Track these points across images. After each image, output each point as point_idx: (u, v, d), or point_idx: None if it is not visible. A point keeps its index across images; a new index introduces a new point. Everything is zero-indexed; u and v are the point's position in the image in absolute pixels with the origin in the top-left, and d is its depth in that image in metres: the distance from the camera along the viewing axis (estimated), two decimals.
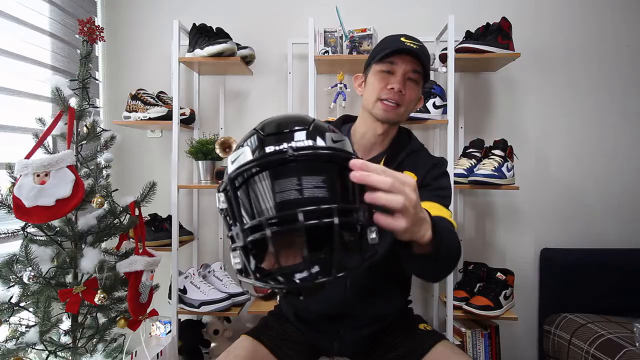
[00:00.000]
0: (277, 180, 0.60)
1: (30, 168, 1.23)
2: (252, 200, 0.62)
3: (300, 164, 0.61)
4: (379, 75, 1.10)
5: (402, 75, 1.08)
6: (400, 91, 1.08)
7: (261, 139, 0.64)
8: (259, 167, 0.62)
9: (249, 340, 1.15)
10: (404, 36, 1.10)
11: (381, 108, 1.10)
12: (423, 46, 1.10)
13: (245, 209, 0.63)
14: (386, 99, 1.09)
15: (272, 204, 0.60)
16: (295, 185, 0.60)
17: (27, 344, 1.26)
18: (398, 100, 1.09)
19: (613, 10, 2.03)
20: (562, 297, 1.95)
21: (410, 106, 1.13)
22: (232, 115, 2.12)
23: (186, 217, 2.10)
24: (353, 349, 1.19)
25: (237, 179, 0.64)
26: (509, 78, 2.05)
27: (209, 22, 1.86)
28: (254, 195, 0.62)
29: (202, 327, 1.97)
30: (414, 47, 1.06)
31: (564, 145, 2.05)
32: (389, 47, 1.08)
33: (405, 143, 1.18)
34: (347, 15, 1.84)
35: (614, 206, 2.04)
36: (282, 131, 0.64)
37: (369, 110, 1.13)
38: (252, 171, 0.62)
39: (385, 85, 1.09)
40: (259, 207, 0.61)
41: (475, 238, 2.08)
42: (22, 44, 1.65)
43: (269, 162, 0.61)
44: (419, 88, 1.12)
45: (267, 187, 0.61)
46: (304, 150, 0.61)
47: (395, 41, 1.09)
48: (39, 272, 1.27)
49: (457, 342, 1.85)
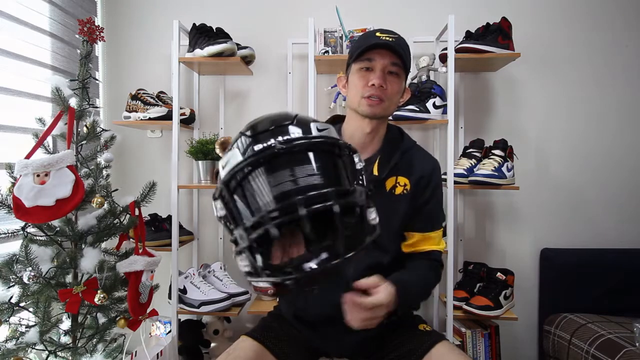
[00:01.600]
0: (271, 174, 0.62)
1: (30, 168, 1.23)
2: (249, 199, 0.63)
3: (291, 155, 0.63)
4: (359, 74, 1.10)
5: (382, 71, 1.08)
6: (381, 86, 1.08)
7: (248, 139, 0.66)
8: (250, 166, 0.63)
9: (249, 341, 1.15)
10: (379, 31, 1.10)
11: (366, 104, 1.09)
12: (399, 38, 1.09)
13: (244, 209, 0.63)
14: (369, 96, 1.09)
15: (270, 197, 0.61)
16: (289, 176, 0.62)
17: (27, 344, 1.26)
18: (380, 95, 1.08)
19: (613, 10, 2.03)
20: (562, 297, 1.95)
21: (395, 99, 1.13)
22: (232, 115, 2.12)
23: (186, 217, 2.10)
24: (353, 350, 1.19)
25: (231, 182, 0.64)
26: (509, 78, 2.05)
27: (209, 22, 1.86)
28: (251, 194, 0.63)
29: (202, 327, 1.97)
30: (390, 39, 1.06)
31: (564, 145, 2.05)
32: (364, 43, 1.08)
33: (397, 141, 1.19)
34: (347, 15, 1.84)
35: (614, 206, 2.04)
36: (267, 128, 0.66)
37: (355, 108, 1.13)
38: (245, 171, 0.63)
39: (366, 82, 1.09)
40: (257, 204, 0.62)
41: (475, 238, 2.08)
42: (22, 44, 1.65)
43: (259, 158, 0.62)
44: (401, 80, 1.12)
45: (263, 183, 0.62)
46: (291, 142, 0.63)
47: (370, 37, 1.09)
48: (39, 272, 1.27)
49: (457, 342, 1.85)
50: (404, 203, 1.14)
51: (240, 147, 0.66)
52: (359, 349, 1.19)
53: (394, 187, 1.14)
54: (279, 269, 0.64)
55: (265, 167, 0.62)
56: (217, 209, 0.66)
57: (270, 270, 0.63)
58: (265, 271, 0.63)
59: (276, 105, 2.09)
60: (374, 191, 0.87)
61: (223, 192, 0.64)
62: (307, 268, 0.62)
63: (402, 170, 1.15)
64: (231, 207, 0.64)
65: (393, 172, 1.14)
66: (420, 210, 1.15)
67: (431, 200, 1.16)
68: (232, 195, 0.64)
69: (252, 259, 0.62)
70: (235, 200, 0.64)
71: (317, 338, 1.20)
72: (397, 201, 1.14)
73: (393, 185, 1.14)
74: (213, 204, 0.67)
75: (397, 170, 1.14)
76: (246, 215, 0.63)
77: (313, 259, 0.63)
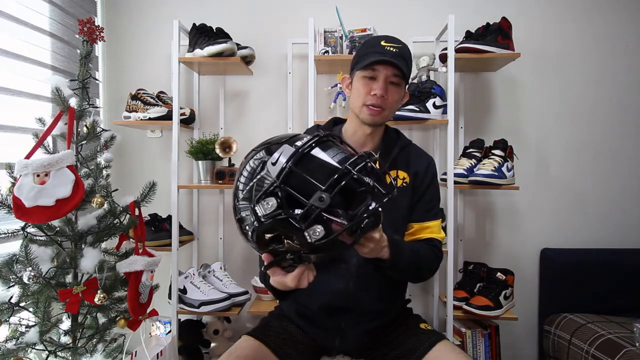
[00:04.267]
0: (326, 150, 0.81)
1: (30, 168, 1.22)
2: (318, 170, 0.78)
3: (328, 142, 0.84)
4: (363, 81, 1.15)
5: (384, 81, 1.13)
6: (382, 96, 1.13)
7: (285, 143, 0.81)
8: (310, 147, 0.80)
9: (251, 340, 1.15)
10: (384, 39, 1.15)
11: (367, 113, 1.16)
12: (403, 47, 1.15)
13: (310, 183, 0.76)
14: (371, 105, 1.14)
15: (337, 160, 0.79)
16: (341, 151, 0.82)
17: (27, 344, 1.25)
18: (381, 104, 1.14)
19: (613, 10, 2.03)
20: (562, 297, 1.95)
21: (395, 106, 1.20)
22: (232, 115, 2.12)
23: (186, 217, 2.10)
24: (354, 346, 1.20)
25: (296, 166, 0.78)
26: (509, 78, 2.05)
27: (209, 22, 1.86)
28: (318, 165, 0.79)
29: (202, 327, 1.97)
30: (394, 50, 1.12)
31: (564, 145, 2.05)
32: (370, 52, 1.14)
33: (395, 139, 1.27)
34: (347, 15, 1.84)
35: (614, 206, 2.04)
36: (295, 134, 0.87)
37: (357, 114, 1.19)
38: (310, 147, 0.80)
39: (369, 91, 1.14)
40: (325, 171, 0.77)
41: (475, 238, 2.08)
42: (22, 44, 1.65)
43: (319, 140, 0.82)
44: (401, 89, 1.18)
45: (325, 155, 0.80)
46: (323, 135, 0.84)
47: (375, 45, 1.14)
48: (39, 272, 1.27)
49: (457, 342, 1.85)
50: (406, 196, 1.20)
51: (280, 148, 0.80)
52: (360, 346, 1.20)
53: (394, 180, 1.21)
54: (353, 217, 0.78)
55: (321, 147, 0.81)
56: (266, 208, 0.77)
57: (348, 220, 0.78)
58: (345, 221, 0.77)
59: (276, 105, 2.10)
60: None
61: (279, 182, 0.76)
62: (372, 208, 0.79)
63: (401, 164, 1.23)
64: (295, 190, 0.76)
65: (393, 165, 1.21)
66: (417, 202, 1.22)
67: (427, 192, 1.23)
68: (294, 177, 0.77)
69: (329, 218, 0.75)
70: (304, 178, 0.76)
71: (319, 334, 1.20)
72: (398, 194, 1.19)
73: (393, 178, 1.21)
74: (258, 208, 0.78)
75: (396, 164, 1.22)
76: (318, 183, 0.75)
77: (370, 204, 0.79)
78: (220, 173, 1.83)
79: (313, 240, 0.75)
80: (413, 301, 1.33)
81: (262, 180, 0.79)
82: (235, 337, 1.85)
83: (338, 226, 0.76)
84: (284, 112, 2.07)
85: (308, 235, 0.75)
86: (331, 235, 0.75)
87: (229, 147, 1.85)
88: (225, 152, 1.84)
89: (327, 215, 0.75)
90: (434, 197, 1.25)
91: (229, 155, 1.85)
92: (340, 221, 0.76)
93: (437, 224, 1.24)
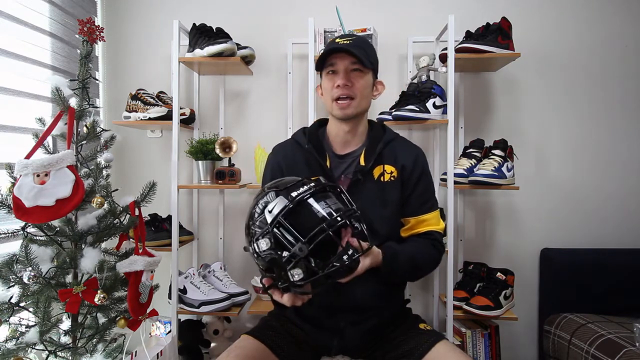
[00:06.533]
0: (320, 201, 0.96)
1: (30, 168, 1.22)
2: (307, 219, 0.93)
3: (328, 191, 1.01)
4: (327, 78, 1.22)
5: (344, 72, 1.18)
6: (346, 85, 1.17)
7: (281, 191, 0.97)
8: (315, 190, 0.96)
9: (250, 340, 1.15)
10: (338, 37, 1.22)
11: (337, 108, 1.19)
12: (357, 38, 1.19)
13: (295, 234, 0.91)
14: (338, 97, 1.18)
15: (325, 213, 0.95)
16: (333, 202, 0.98)
17: (27, 344, 1.25)
18: (348, 93, 1.17)
19: (613, 10, 2.03)
20: (562, 297, 1.95)
21: (365, 92, 1.21)
22: (232, 115, 2.12)
23: (186, 217, 2.10)
24: (353, 346, 1.20)
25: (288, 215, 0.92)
26: (509, 78, 2.05)
27: (209, 22, 1.86)
28: (309, 214, 0.94)
29: (202, 327, 1.97)
30: (348, 42, 1.16)
31: (564, 145, 2.05)
32: (326, 50, 1.19)
33: (380, 135, 1.28)
34: (347, 15, 1.84)
35: (614, 206, 2.04)
36: (291, 181, 1.01)
37: (330, 112, 1.24)
38: (305, 196, 0.95)
39: (333, 84, 1.19)
40: (312, 222, 0.92)
41: (475, 238, 2.08)
42: (22, 44, 1.65)
43: (322, 186, 0.99)
44: (368, 75, 1.20)
45: (316, 207, 0.95)
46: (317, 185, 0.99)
47: (330, 44, 1.20)
48: (39, 272, 1.27)
49: (457, 342, 1.85)
50: (395, 190, 1.22)
51: (275, 197, 0.96)
52: (359, 345, 1.20)
53: (382, 175, 1.22)
54: (325, 266, 0.92)
55: (315, 198, 0.96)
56: (261, 246, 0.93)
57: (324, 265, 0.93)
58: (322, 269, 0.92)
59: (276, 105, 2.10)
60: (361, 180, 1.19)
61: (271, 228, 0.92)
62: (345, 259, 0.93)
63: (387, 158, 1.24)
64: (283, 236, 0.92)
65: (378, 161, 1.22)
66: (410, 196, 1.24)
67: (419, 185, 1.24)
68: (283, 226, 0.92)
69: (308, 264, 0.91)
70: (289, 229, 0.91)
71: (318, 333, 1.20)
72: (386, 188, 1.22)
73: (381, 173, 1.22)
74: (254, 246, 0.95)
75: (382, 159, 1.23)
76: (303, 232, 0.91)
77: (344, 256, 0.94)
78: (220, 173, 1.83)
79: (294, 280, 0.91)
80: (413, 301, 1.33)
81: (262, 222, 0.95)
82: (235, 337, 1.85)
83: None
84: (284, 112, 2.07)
85: (291, 275, 0.91)
86: (309, 278, 0.91)
87: (229, 147, 1.85)
88: (225, 152, 1.84)
89: (305, 263, 0.90)
90: (427, 190, 1.26)
91: (229, 155, 1.85)
92: (315, 269, 0.91)
93: (434, 215, 1.25)
